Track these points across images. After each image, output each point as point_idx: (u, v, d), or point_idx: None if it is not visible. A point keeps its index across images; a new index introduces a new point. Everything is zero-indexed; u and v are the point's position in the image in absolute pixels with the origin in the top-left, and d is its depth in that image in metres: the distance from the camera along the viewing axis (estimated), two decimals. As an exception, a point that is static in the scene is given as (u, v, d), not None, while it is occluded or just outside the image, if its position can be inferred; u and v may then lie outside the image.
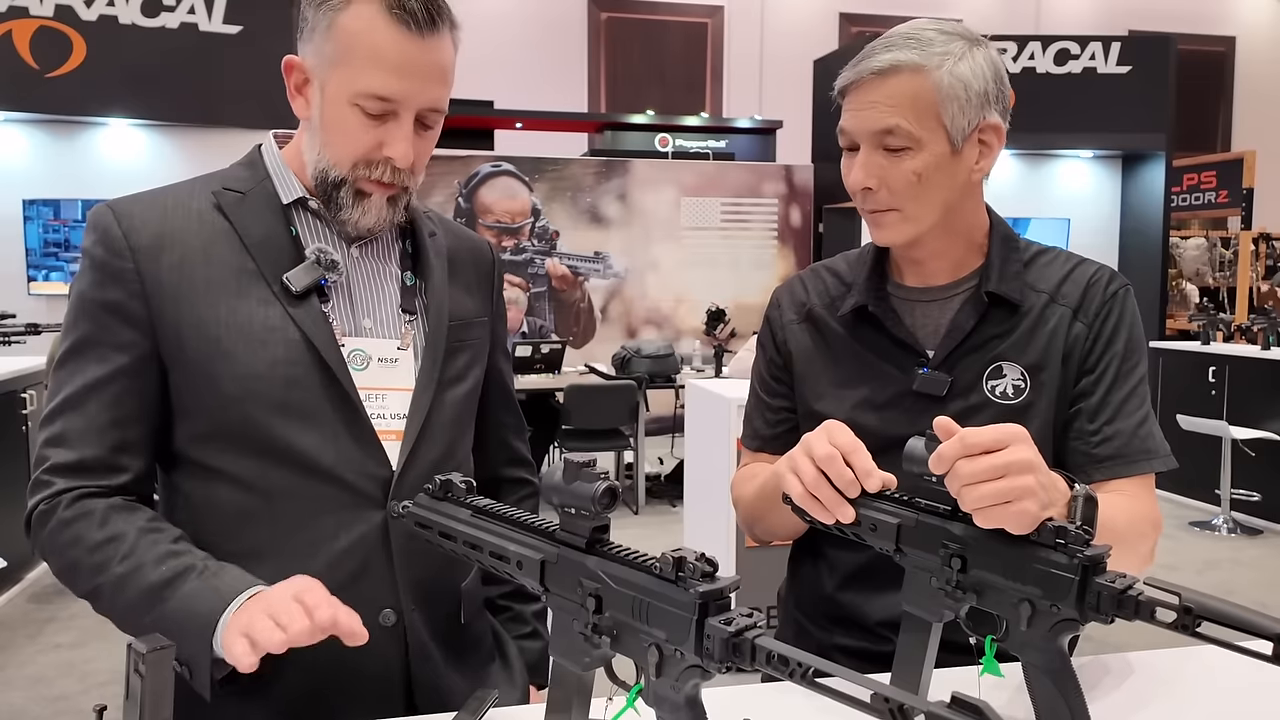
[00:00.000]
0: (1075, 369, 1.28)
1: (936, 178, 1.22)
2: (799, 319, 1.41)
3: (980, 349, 1.28)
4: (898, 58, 1.20)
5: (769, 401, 1.43)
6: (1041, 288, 1.30)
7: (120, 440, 1.12)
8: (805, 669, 0.65)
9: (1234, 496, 6.04)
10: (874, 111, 1.21)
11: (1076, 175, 8.78)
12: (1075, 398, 1.28)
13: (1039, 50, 8.22)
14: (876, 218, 1.26)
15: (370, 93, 1.10)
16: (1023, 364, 1.27)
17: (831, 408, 1.32)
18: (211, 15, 6.61)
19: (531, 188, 8.05)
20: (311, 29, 1.13)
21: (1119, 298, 1.30)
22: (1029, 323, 1.28)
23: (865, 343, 1.34)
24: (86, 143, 6.71)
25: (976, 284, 1.30)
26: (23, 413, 4.72)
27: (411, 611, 1.18)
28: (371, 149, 1.13)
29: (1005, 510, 0.91)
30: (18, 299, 6.15)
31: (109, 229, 1.13)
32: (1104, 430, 1.26)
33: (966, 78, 1.21)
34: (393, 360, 1.20)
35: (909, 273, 1.34)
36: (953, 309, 1.31)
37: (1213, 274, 10.26)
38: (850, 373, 1.34)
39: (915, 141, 1.20)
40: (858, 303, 1.33)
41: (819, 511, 1.04)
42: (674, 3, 12.61)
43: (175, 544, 1.08)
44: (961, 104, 1.21)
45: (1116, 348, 1.28)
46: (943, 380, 1.27)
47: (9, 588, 4.60)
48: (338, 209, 1.17)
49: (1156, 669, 1.21)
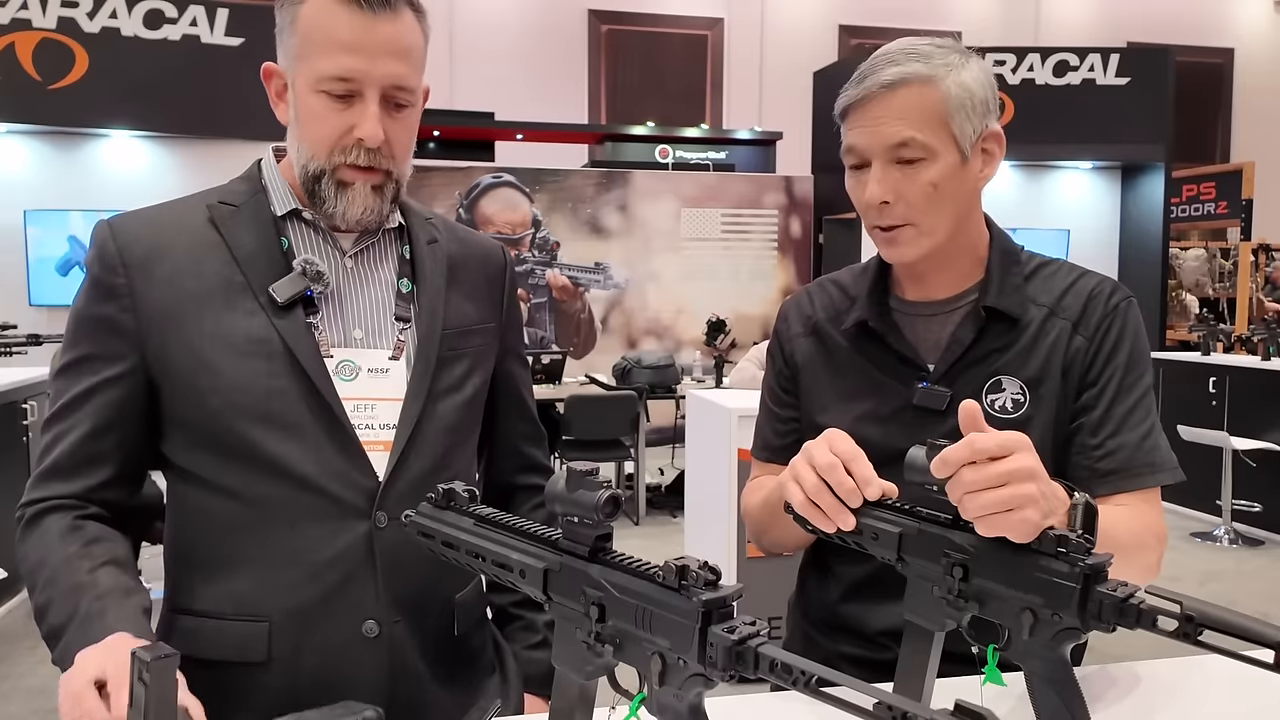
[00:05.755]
0: (1076, 383, 1.27)
1: (950, 188, 1.23)
2: (805, 332, 1.41)
3: (980, 363, 1.28)
4: (905, 70, 1.20)
5: (778, 412, 1.44)
6: (1042, 301, 1.30)
7: (93, 449, 1.15)
8: (809, 677, 0.65)
9: (1235, 507, 6.03)
10: (886, 126, 1.21)
11: (1076, 186, 8.79)
12: (1077, 412, 1.27)
13: (1038, 62, 8.24)
14: (892, 235, 1.25)
15: (329, 74, 1.12)
16: (1022, 378, 1.27)
17: (834, 420, 1.31)
18: (213, 28, 6.64)
19: (532, 199, 8.06)
20: (280, 30, 1.16)
21: (1120, 310, 1.29)
22: (1029, 337, 1.28)
23: (868, 356, 1.34)
24: (88, 154, 6.72)
25: (977, 298, 1.30)
26: (23, 423, 4.72)
27: (395, 623, 1.18)
28: (342, 133, 1.14)
29: (1007, 519, 0.91)
30: (19, 310, 6.15)
31: (105, 245, 1.15)
32: (1106, 444, 1.25)
33: (971, 86, 1.22)
34: (383, 370, 1.20)
35: (911, 287, 1.35)
36: (954, 323, 1.31)
37: (1212, 285, 10.28)
38: (853, 386, 1.34)
39: (930, 152, 1.21)
40: (860, 317, 1.34)
41: (820, 519, 1.04)
42: (674, 15, 12.66)
43: (89, 574, 1.08)
44: (968, 112, 1.22)
45: (1118, 361, 1.27)
46: (943, 394, 1.26)
47: (8, 598, 4.59)
48: (323, 203, 1.17)
49: (1159, 678, 1.20)
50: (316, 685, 1.13)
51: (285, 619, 1.14)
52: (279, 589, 1.14)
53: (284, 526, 1.14)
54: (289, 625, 1.14)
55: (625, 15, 12.51)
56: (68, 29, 6.40)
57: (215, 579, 1.16)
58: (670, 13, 12.64)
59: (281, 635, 1.14)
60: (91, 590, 1.06)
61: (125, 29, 6.49)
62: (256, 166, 1.25)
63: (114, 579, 1.08)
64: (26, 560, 1.12)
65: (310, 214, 1.21)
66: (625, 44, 12.54)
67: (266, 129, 1.81)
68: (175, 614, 1.19)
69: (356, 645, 1.16)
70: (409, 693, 1.19)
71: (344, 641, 1.15)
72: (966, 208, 1.27)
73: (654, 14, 12.61)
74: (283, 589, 1.14)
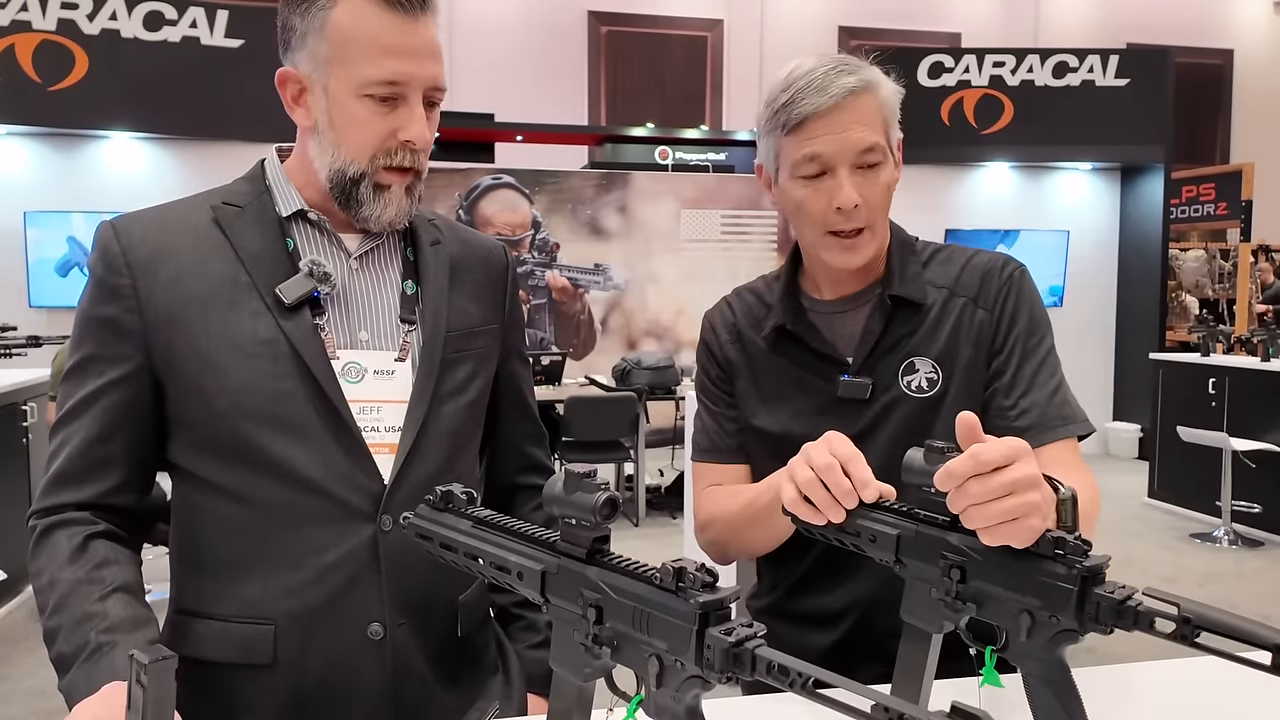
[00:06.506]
0: (985, 353, 1.36)
1: (891, 190, 1.33)
2: (731, 339, 1.48)
3: (893, 350, 1.36)
4: (862, 78, 1.28)
5: (722, 413, 1.48)
6: (941, 283, 1.39)
7: (103, 452, 1.15)
8: (806, 679, 0.65)
9: (1235, 508, 6.03)
10: (854, 132, 1.28)
11: (1075, 188, 8.79)
12: (989, 379, 1.35)
13: (1037, 63, 8.25)
14: (852, 242, 1.32)
15: (378, 79, 1.12)
16: (933, 357, 1.35)
17: (768, 422, 1.41)
18: (213, 29, 6.65)
19: (532, 200, 8.06)
20: (301, 35, 1.14)
21: (1015, 280, 1.38)
22: (933, 318, 1.37)
23: (789, 358, 1.41)
24: (88, 156, 6.73)
25: (881, 290, 1.38)
26: (23, 425, 4.72)
27: (399, 626, 1.18)
28: (387, 136, 1.15)
29: (1013, 527, 0.91)
30: (19, 312, 6.15)
31: (108, 246, 1.15)
32: (1020, 404, 1.33)
33: (893, 95, 1.32)
34: (389, 372, 1.20)
35: (824, 286, 1.42)
36: (864, 316, 1.39)
37: (1212, 286, 10.28)
38: (779, 388, 1.42)
39: (885, 155, 1.30)
40: (777, 322, 1.41)
41: (809, 514, 1.04)
42: (674, 16, 12.66)
43: (98, 603, 1.07)
44: (894, 118, 1.32)
45: (1019, 327, 1.36)
46: (864, 385, 1.35)
47: (9, 600, 4.59)
48: (359, 205, 1.17)
49: (1157, 680, 1.21)
50: (321, 688, 1.13)
51: (290, 622, 1.14)
52: (284, 592, 1.14)
53: (289, 529, 1.14)
54: (294, 628, 1.14)
55: (625, 17, 12.51)
56: (68, 31, 6.41)
57: (220, 581, 1.16)
58: (670, 14, 12.64)
59: (286, 638, 1.14)
60: (101, 621, 1.06)
61: (125, 30, 6.50)
62: (260, 167, 1.24)
63: (124, 608, 1.08)
64: (38, 577, 1.11)
65: (316, 215, 1.21)
66: (625, 45, 12.54)
67: (266, 130, 1.82)
68: (180, 616, 1.19)
69: (361, 648, 1.16)
70: (412, 694, 1.19)
71: (348, 644, 1.15)
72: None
73: (654, 15, 12.61)
74: (288, 592, 1.14)
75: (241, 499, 1.14)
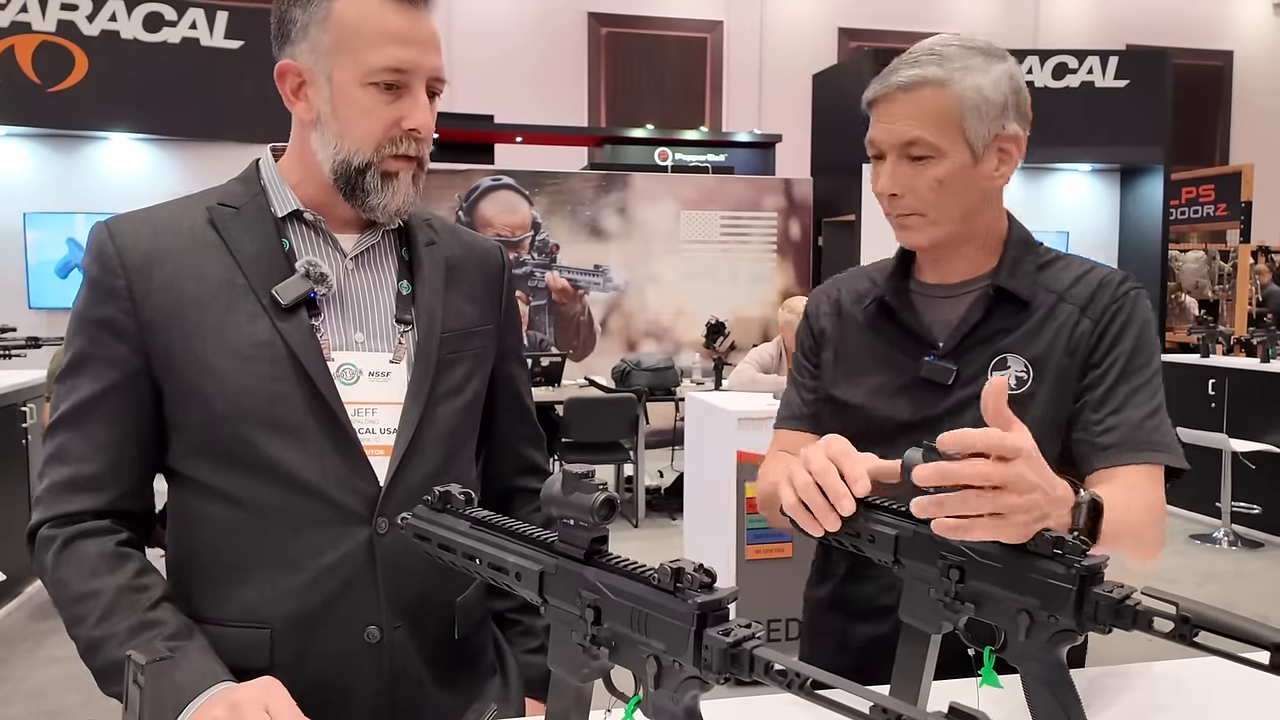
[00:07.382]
0: (1081, 363, 1.32)
1: (957, 184, 1.29)
2: (831, 312, 1.49)
3: (987, 341, 1.33)
4: (922, 73, 1.26)
5: (804, 382, 1.50)
6: (1054, 288, 1.35)
7: (116, 457, 1.14)
8: (803, 680, 0.65)
9: (1234, 509, 6.03)
10: (899, 124, 1.28)
11: (1075, 188, 8.79)
12: (1081, 391, 1.31)
13: (1037, 64, 8.24)
14: (902, 220, 1.34)
15: (385, 67, 1.12)
16: (1027, 357, 1.32)
17: (848, 393, 1.40)
18: (213, 30, 6.65)
19: (531, 201, 8.07)
20: (302, 27, 1.14)
21: (1129, 298, 1.33)
22: (1036, 319, 1.33)
23: (881, 333, 1.41)
24: (88, 157, 6.73)
25: (989, 282, 1.36)
26: (22, 425, 4.73)
27: (396, 629, 1.17)
28: (391, 124, 1.15)
29: (981, 523, 0.92)
30: (18, 313, 6.15)
31: (103, 247, 1.14)
32: (1108, 420, 1.29)
33: (986, 91, 1.27)
34: (384, 374, 1.19)
35: (929, 270, 1.41)
36: (965, 304, 1.36)
37: (1212, 287, 10.28)
38: (866, 362, 1.41)
39: (937, 151, 1.27)
40: (878, 295, 1.41)
41: (807, 522, 1.05)
42: (673, 18, 12.67)
43: (150, 611, 1.08)
44: (981, 115, 1.27)
45: (1124, 346, 1.31)
46: (949, 369, 1.32)
47: (8, 601, 4.59)
48: (365, 195, 1.17)
49: (1156, 681, 1.21)
50: (318, 691, 1.13)
51: (287, 625, 1.13)
52: (281, 595, 1.13)
53: (286, 532, 1.13)
54: (291, 632, 1.13)
55: (625, 18, 12.52)
56: (67, 32, 6.41)
57: (217, 585, 1.15)
58: (670, 15, 12.65)
59: (283, 642, 1.13)
60: (162, 629, 1.06)
61: (125, 32, 6.50)
62: (254, 167, 1.23)
63: (175, 616, 1.09)
64: (64, 586, 1.10)
65: (311, 215, 1.20)
66: (625, 46, 12.55)
67: (266, 131, 1.81)
68: None
69: (358, 651, 1.15)
70: (410, 697, 1.19)
71: (345, 647, 1.15)
72: (977, 202, 1.33)
73: (653, 16, 12.62)
74: (284, 595, 1.13)
75: (238, 502, 1.13)
